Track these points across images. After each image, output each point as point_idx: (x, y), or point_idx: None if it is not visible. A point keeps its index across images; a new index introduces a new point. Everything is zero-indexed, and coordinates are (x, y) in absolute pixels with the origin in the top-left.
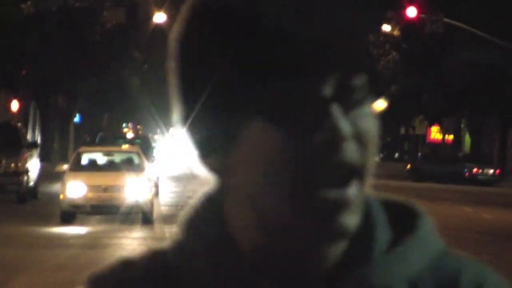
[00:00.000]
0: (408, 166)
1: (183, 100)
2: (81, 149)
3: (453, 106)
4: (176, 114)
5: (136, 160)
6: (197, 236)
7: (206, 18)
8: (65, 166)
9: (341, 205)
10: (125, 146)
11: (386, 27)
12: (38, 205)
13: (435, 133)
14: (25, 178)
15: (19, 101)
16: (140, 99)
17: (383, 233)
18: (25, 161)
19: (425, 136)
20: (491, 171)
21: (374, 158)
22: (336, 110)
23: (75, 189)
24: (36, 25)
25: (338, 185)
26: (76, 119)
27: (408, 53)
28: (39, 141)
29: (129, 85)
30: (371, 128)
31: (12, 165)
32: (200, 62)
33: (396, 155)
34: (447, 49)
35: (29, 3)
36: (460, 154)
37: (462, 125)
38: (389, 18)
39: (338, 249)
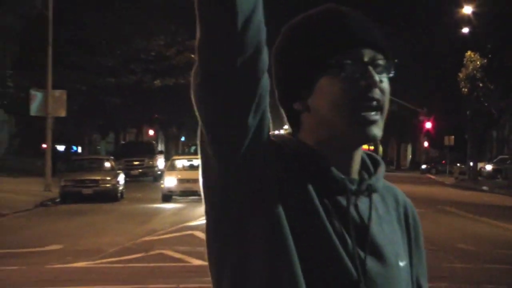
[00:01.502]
0: None
1: (296, 76)
2: (173, 157)
3: None
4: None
5: None
6: (284, 143)
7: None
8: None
9: (373, 122)
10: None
11: None
12: None
13: (364, 145)
14: (157, 169)
15: (154, 130)
16: None
17: (371, 166)
18: (157, 160)
19: None
20: (393, 167)
21: (387, 108)
22: (371, 69)
23: (170, 181)
24: (160, 92)
25: (372, 111)
26: (182, 139)
27: None
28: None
29: None
30: (387, 87)
31: (150, 162)
32: (306, 45)
33: None
34: None
35: (158, 80)
36: None
37: (378, 141)
38: None
39: (358, 159)
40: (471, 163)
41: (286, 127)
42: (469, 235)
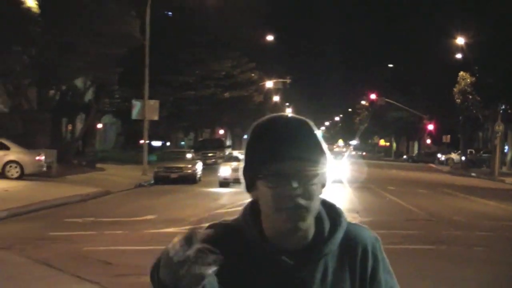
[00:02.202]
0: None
1: (245, 175)
2: (230, 151)
3: (388, 133)
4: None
5: None
6: (245, 218)
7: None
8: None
9: (295, 219)
10: None
11: (364, 102)
12: None
13: (382, 142)
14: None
15: (223, 130)
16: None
17: (326, 226)
18: (225, 153)
19: (377, 143)
20: (405, 156)
21: (316, 204)
22: (291, 181)
23: (225, 170)
24: (228, 101)
25: (294, 210)
26: (245, 137)
27: (372, 112)
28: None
29: None
30: (312, 191)
31: (221, 154)
32: (252, 150)
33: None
34: (388, 111)
35: (227, 93)
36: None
37: (392, 139)
38: (364, 98)
39: (309, 228)
40: (463, 156)
41: (340, 143)
42: (461, 209)
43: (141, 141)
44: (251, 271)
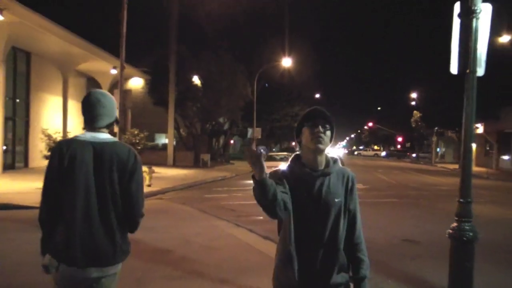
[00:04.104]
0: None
1: (297, 130)
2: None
3: (378, 143)
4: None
5: (287, 157)
6: (292, 163)
7: (307, 115)
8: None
9: (320, 145)
10: (283, 153)
11: (366, 127)
12: None
13: (376, 147)
14: None
15: (295, 143)
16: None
17: (331, 161)
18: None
19: (374, 148)
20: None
21: (327, 139)
22: (320, 127)
23: None
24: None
25: (320, 142)
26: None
27: (370, 132)
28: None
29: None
30: (329, 133)
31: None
32: (304, 118)
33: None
34: (378, 131)
35: (295, 124)
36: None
37: (381, 146)
38: (366, 125)
39: (323, 160)
40: (415, 155)
41: (343, 143)
42: (414, 180)
43: None
44: (298, 181)
